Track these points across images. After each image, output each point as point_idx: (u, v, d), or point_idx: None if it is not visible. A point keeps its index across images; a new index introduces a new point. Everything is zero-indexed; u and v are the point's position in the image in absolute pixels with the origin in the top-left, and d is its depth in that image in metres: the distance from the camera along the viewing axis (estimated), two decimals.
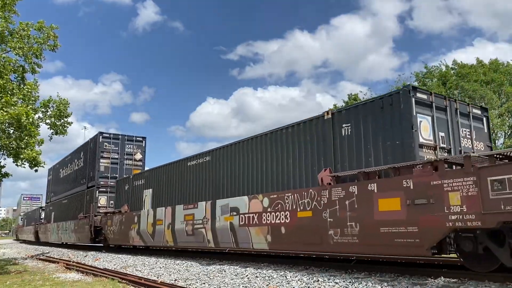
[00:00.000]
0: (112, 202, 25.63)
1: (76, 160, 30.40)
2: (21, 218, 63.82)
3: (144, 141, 27.41)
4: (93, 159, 26.09)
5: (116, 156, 26.21)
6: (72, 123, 17.18)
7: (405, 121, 8.88)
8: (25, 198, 66.84)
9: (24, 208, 66.35)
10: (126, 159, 26.47)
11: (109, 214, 22.16)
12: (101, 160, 25.68)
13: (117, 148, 26.33)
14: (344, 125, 10.15)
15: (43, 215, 42.81)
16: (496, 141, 27.61)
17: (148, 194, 18.74)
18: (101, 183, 25.32)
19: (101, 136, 25.96)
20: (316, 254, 10.70)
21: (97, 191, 25.13)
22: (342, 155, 10.06)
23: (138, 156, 26.95)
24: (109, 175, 25.68)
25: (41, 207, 44.01)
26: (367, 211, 8.64)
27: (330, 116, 10.53)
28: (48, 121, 16.50)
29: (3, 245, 45.35)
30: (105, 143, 26.01)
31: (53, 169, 38.57)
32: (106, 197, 25.41)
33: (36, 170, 16.27)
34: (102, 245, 24.27)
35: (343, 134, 10.13)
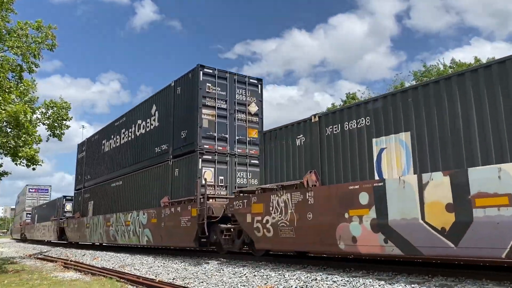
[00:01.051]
0: (222, 177, 15.62)
1: (140, 121, 20.13)
2: (27, 213, 53.17)
3: (260, 86, 17.27)
4: (190, 108, 15.91)
5: (225, 106, 16.12)
6: (69, 126, 18.07)
7: None
8: (30, 190, 56.35)
9: (29, 201, 55.95)
10: (237, 111, 16.45)
11: (252, 193, 12.05)
12: (203, 111, 15.63)
13: (224, 93, 16.26)
14: None
15: (68, 207, 32.61)
16: None
17: (394, 144, 8.75)
18: (206, 146, 15.28)
19: (201, 72, 15.80)
20: None
21: (200, 160, 15.08)
22: None
23: (254, 107, 16.88)
24: (216, 135, 15.65)
25: (64, 196, 33.58)
26: None
27: None
28: (46, 122, 17.09)
29: (1, 244, 44.07)
30: (207, 84, 15.94)
31: (87, 143, 28.15)
32: (213, 169, 15.34)
33: (34, 169, 16.54)
34: (217, 250, 14.24)
35: None
